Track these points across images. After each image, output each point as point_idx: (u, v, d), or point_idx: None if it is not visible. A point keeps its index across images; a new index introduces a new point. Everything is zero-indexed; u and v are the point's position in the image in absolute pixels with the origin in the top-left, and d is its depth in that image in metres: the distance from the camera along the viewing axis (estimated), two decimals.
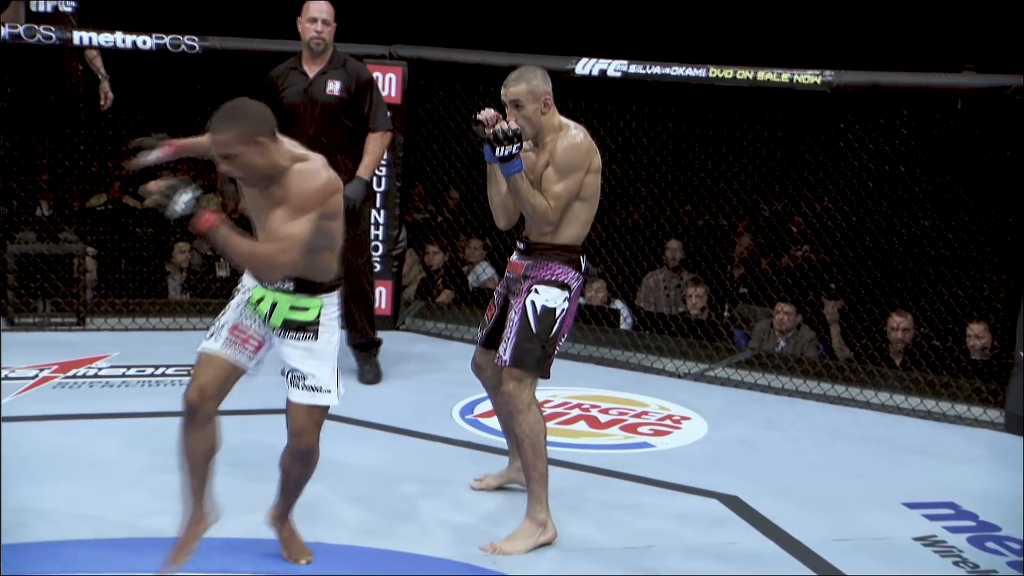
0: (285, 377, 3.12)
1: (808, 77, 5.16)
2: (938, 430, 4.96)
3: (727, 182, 6.47)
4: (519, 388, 3.44)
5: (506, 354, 3.46)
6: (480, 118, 3.39)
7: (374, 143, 4.97)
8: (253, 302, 3.09)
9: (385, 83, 5.79)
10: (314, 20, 4.95)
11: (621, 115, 6.00)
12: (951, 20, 10.89)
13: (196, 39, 5.71)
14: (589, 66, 5.49)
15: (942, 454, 4.63)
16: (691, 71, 5.38)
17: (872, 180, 5.85)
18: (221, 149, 2.92)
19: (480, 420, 4.67)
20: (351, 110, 4.97)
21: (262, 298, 3.08)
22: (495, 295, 3.73)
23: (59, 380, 5.01)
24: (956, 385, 5.30)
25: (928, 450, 4.67)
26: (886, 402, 5.21)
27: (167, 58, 5.81)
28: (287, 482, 3.25)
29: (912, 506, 3.98)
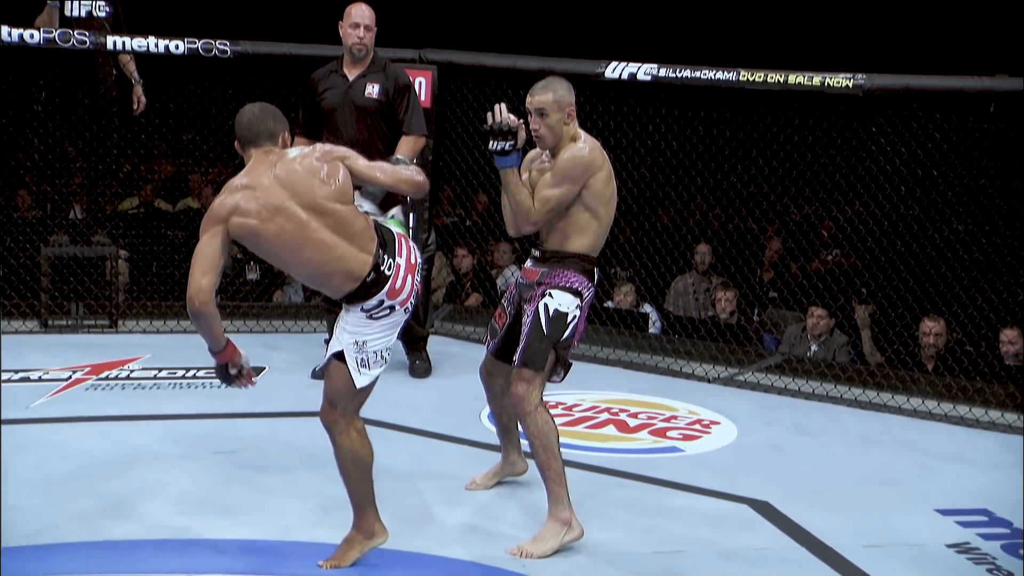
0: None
1: (840, 80, 5.13)
2: (971, 436, 4.92)
3: (757, 186, 6.44)
4: (528, 390, 3.46)
5: (517, 355, 3.50)
6: (492, 114, 3.44)
7: (406, 145, 5.00)
8: None
9: (415, 87, 5.81)
10: (356, 26, 4.99)
11: (651, 119, 5.99)
12: (984, 23, 10.79)
13: (228, 43, 5.75)
14: (619, 70, 5.48)
15: (975, 460, 4.58)
16: (721, 74, 5.36)
17: (904, 184, 5.80)
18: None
19: None
20: (388, 113, 5.01)
21: None
22: (506, 303, 3.74)
23: (92, 382, 5.05)
24: (989, 391, 5.25)
25: (961, 456, 4.63)
26: (918, 408, 5.17)
27: (199, 62, 5.86)
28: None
29: (945, 512, 3.94)
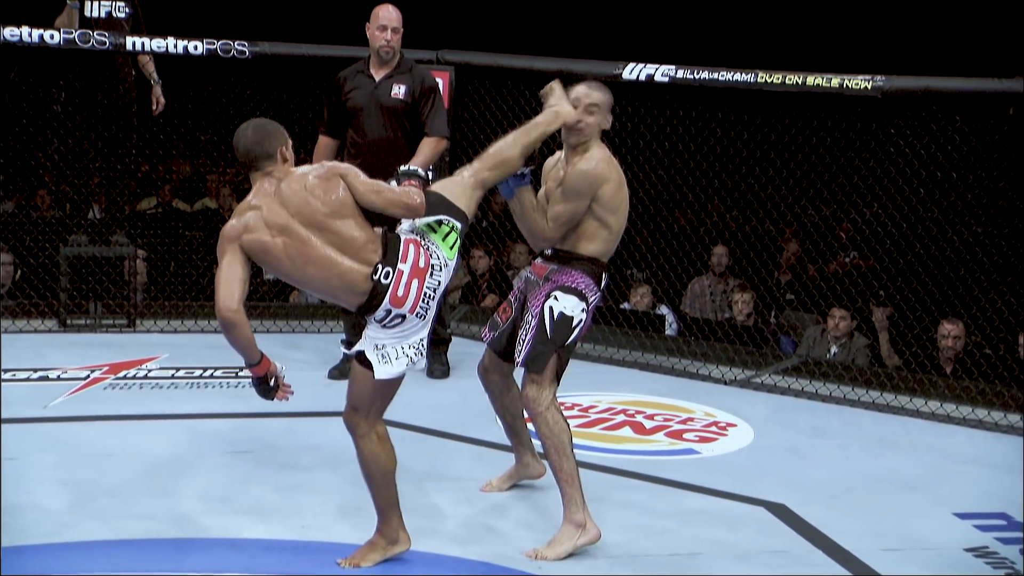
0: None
1: (859, 82, 5.11)
2: (990, 440, 4.89)
3: (775, 187, 6.42)
4: (538, 391, 3.46)
5: (521, 355, 3.50)
6: None
7: (427, 146, 5.01)
8: None
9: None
10: (384, 28, 5.02)
11: (668, 120, 5.97)
12: (1004, 25, 10.73)
13: (246, 44, 5.78)
14: (637, 71, 5.47)
15: (994, 464, 4.55)
16: (739, 76, 5.35)
17: (923, 186, 5.77)
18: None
19: None
20: (413, 115, 5.02)
21: None
22: (512, 298, 3.74)
23: (110, 381, 5.07)
24: (1008, 394, 5.22)
25: (980, 460, 4.60)
26: (936, 411, 5.14)
27: (218, 63, 5.88)
28: None
29: (963, 516, 3.92)
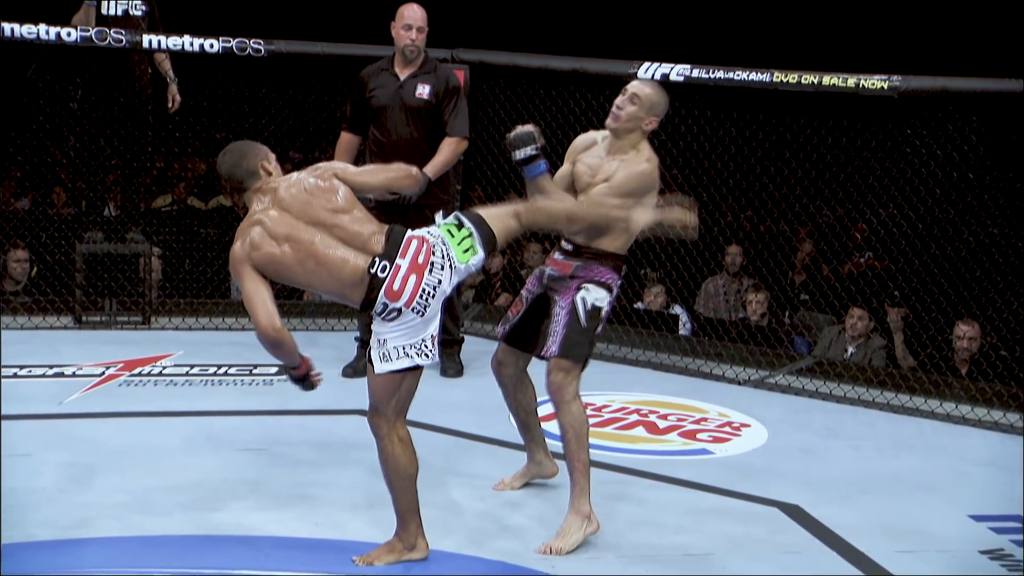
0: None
1: (875, 82, 5.09)
2: (1005, 442, 4.86)
3: (789, 187, 6.40)
4: (566, 380, 3.52)
5: (555, 345, 3.54)
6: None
7: (448, 147, 5.03)
8: None
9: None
10: (409, 27, 5.03)
11: (683, 119, 5.96)
12: (1022, 26, 10.68)
13: (262, 42, 5.79)
14: (651, 70, 5.46)
15: (1009, 466, 4.53)
16: (755, 75, 5.34)
17: (939, 187, 5.74)
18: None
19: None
20: (436, 115, 5.04)
21: None
22: (524, 293, 3.78)
23: (125, 378, 5.09)
24: None
25: (995, 462, 4.58)
26: (951, 412, 5.12)
27: (233, 61, 5.90)
28: None
29: (978, 518, 3.90)
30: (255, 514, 3.59)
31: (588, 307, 3.55)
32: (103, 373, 5.12)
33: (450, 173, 5.23)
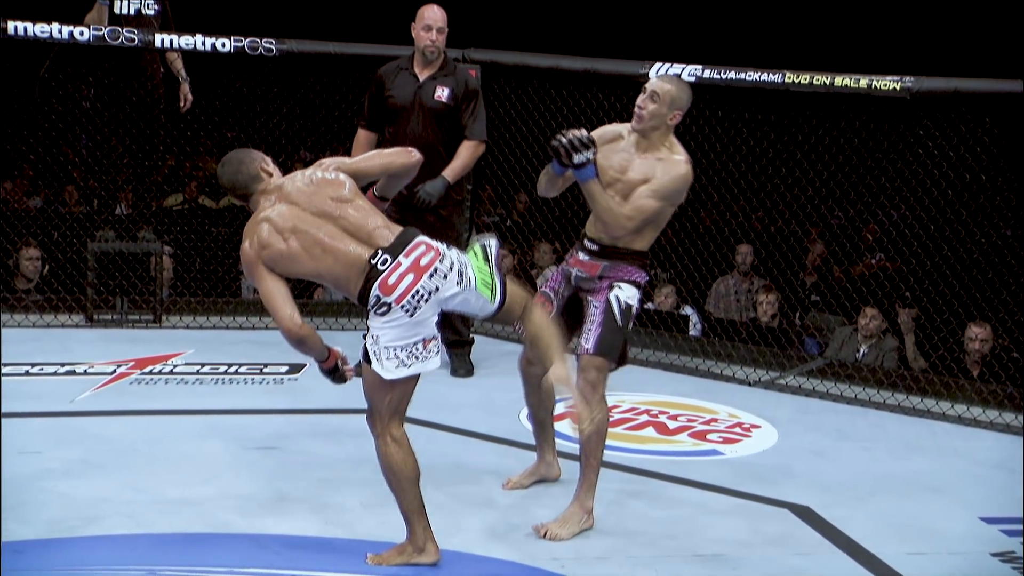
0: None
1: (887, 83, 5.08)
2: (1017, 444, 4.84)
3: (801, 188, 6.39)
4: (599, 378, 3.59)
5: (589, 343, 3.59)
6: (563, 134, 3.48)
7: (466, 150, 5.05)
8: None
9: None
10: (429, 28, 5.03)
11: (695, 120, 5.95)
12: None
13: (273, 42, 5.80)
14: (663, 70, 5.46)
15: (1020, 468, 4.50)
16: (767, 76, 5.33)
17: (951, 188, 5.72)
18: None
19: None
20: (454, 117, 5.04)
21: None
22: (550, 292, 3.81)
23: (136, 376, 5.11)
24: None
25: (1006, 464, 4.56)
26: (963, 414, 5.11)
27: (245, 60, 5.91)
28: None
29: (990, 521, 3.89)
30: (265, 512, 3.60)
31: (622, 305, 3.61)
32: (114, 371, 5.14)
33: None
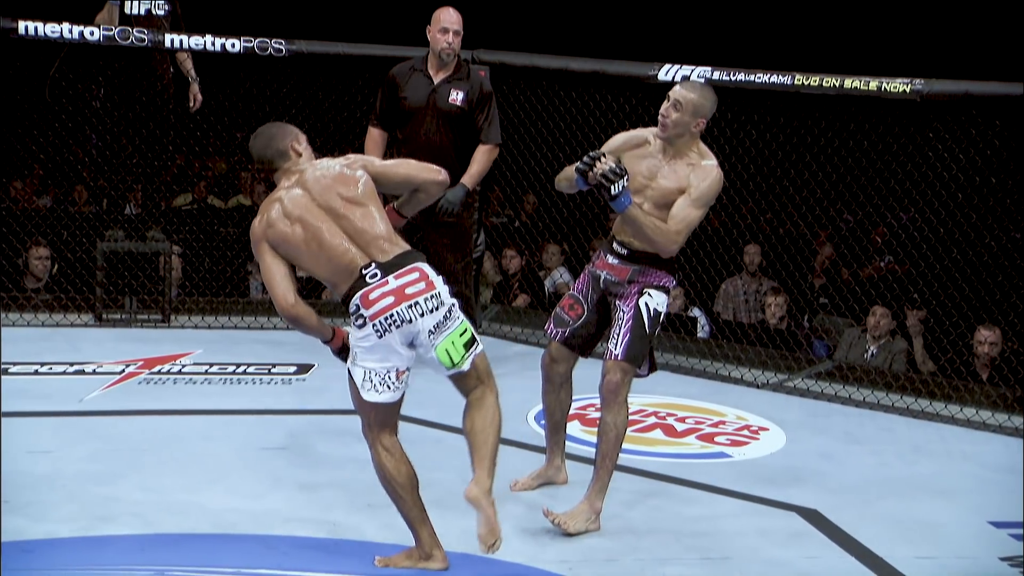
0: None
1: (897, 85, 5.07)
2: None
3: (810, 191, 6.38)
4: (624, 382, 3.63)
5: (618, 348, 3.62)
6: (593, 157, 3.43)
7: (483, 155, 5.06)
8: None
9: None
10: (445, 31, 5.04)
11: None
12: None
13: (283, 42, 5.81)
14: (672, 72, 5.45)
15: None
16: (776, 78, 5.33)
17: (961, 191, 5.71)
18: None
19: None
20: (468, 121, 5.05)
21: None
22: (579, 295, 3.81)
23: (144, 376, 5.12)
24: None
25: (1016, 468, 4.54)
26: (972, 418, 5.09)
27: (254, 61, 5.92)
28: None
29: (999, 525, 3.88)
30: (273, 514, 3.60)
31: (652, 312, 3.65)
32: (123, 371, 5.15)
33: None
